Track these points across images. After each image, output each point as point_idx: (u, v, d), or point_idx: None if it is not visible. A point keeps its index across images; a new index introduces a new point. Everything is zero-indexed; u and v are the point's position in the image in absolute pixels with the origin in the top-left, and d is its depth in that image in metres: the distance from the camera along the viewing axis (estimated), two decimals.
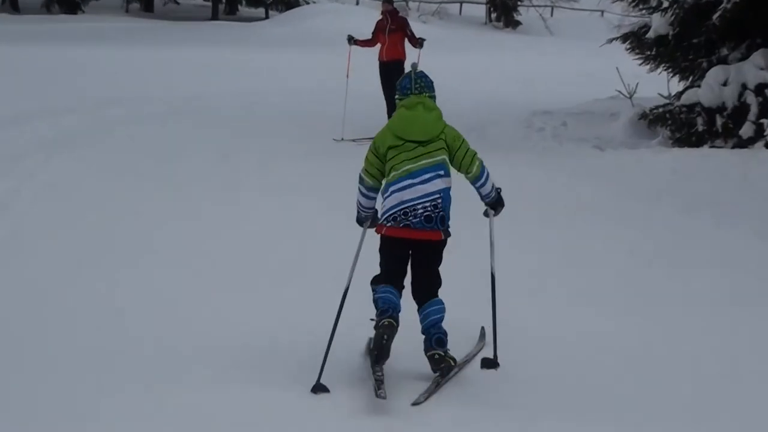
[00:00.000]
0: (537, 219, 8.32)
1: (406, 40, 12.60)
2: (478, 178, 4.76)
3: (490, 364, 4.64)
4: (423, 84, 4.72)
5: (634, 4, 12.97)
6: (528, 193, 9.44)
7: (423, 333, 4.50)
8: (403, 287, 4.59)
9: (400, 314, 4.45)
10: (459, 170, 4.71)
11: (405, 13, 37.86)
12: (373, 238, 4.70)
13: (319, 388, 4.32)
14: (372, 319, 4.51)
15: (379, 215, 4.65)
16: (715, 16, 10.82)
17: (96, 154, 10.53)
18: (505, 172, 10.12)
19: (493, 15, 42.49)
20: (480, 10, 43.46)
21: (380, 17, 12.79)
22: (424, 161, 4.54)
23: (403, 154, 4.54)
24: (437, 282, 4.62)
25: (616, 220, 8.39)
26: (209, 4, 39.54)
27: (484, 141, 12.41)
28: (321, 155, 10.38)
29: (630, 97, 13.77)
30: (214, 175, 9.61)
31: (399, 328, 4.41)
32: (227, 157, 10.52)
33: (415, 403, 4.23)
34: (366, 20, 21.12)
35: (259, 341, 4.98)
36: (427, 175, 4.53)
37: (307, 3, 40.24)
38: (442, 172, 4.58)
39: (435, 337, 4.45)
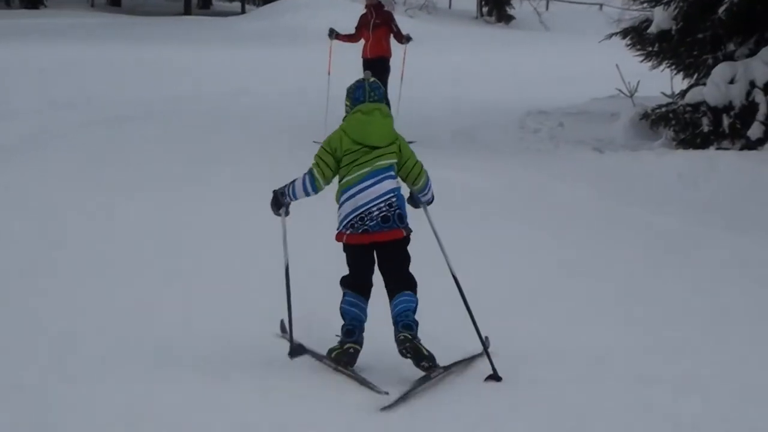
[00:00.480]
0: (533, 226, 8.30)
1: (392, 36, 12.49)
2: (422, 190, 5.11)
3: (492, 377, 4.80)
4: (377, 96, 5.00)
5: None
6: (523, 198, 9.42)
7: (393, 322, 4.75)
8: (371, 285, 4.87)
9: (365, 327, 4.80)
10: (405, 180, 5.02)
11: (390, 7, 37.85)
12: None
13: (295, 351, 4.86)
14: (337, 336, 4.81)
15: (338, 223, 4.89)
16: (721, 10, 10.81)
17: (50, 160, 10.46)
18: (497, 177, 10.22)
19: (485, 9, 42.56)
20: (471, 4, 43.53)
21: (364, 11, 12.69)
22: (377, 164, 4.84)
23: (357, 158, 4.83)
24: (409, 281, 4.84)
25: (618, 226, 8.38)
26: None
27: (475, 144, 12.41)
28: (299, 158, 10.32)
29: (631, 96, 13.77)
30: (177, 181, 9.53)
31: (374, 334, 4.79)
32: (194, 162, 10.45)
33: (386, 408, 4.45)
34: (349, 15, 21.09)
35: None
36: (379, 177, 4.83)
37: None
38: (392, 173, 4.90)
39: (402, 323, 4.70)
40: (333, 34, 12.60)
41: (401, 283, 4.81)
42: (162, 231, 7.59)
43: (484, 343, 4.90)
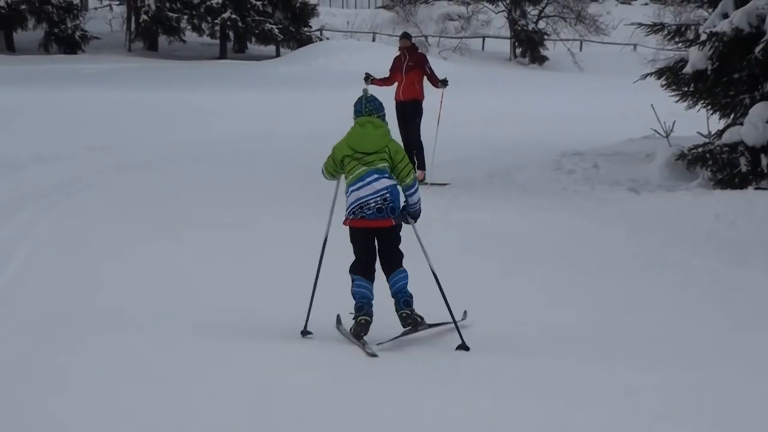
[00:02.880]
0: (569, 267, 8.24)
1: (425, 78, 12.52)
2: (410, 187, 6.19)
3: (461, 347, 5.95)
4: (371, 107, 6.24)
5: (669, 37, 12.97)
6: (558, 240, 9.37)
7: (392, 297, 6.08)
8: (374, 270, 6.10)
9: (373, 301, 6.02)
10: (396, 178, 6.14)
11: (424, 49, 38.23)
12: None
13: (306, 333, 6.04)
14: (351, 313, 6.03)
15: (345, 212, 6.09)
16: (757, 50, 10.78)
17: (87, 202, 10.63)
18: (533, 218, 10.19)
19: (518, 50, 42.77)
20: (504, 46, 43.78)
21: (397, 54, 12.76)
22: (371, 166, 6.04)
23: (355, 161, 6.07)
24: (399, 256, 6.15)
25: (654, 267, 8.30)
26: (217, 42, 40.00)
27: (511, 185, 12.39)
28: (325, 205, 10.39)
29: (666, 137, 13.72)
30: (212, 224, 9.60)
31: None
32: (227, 208, 10.50)
33: (379, 344, 5.85)
34: (383, 57, 21.27)
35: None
36: (375, 176, 6.04)
37: (320, 39, 40.70)
38: (387, 174, 6.08)
39: (402, 300, 6.04)
40: (369, 79, 12.65)
41: (393, 261, 6.11)
42: (202, 279, 7.62)
43: (453, 317, 6.09)
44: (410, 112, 12.41)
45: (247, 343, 5.87)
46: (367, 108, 6.24)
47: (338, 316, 6.33)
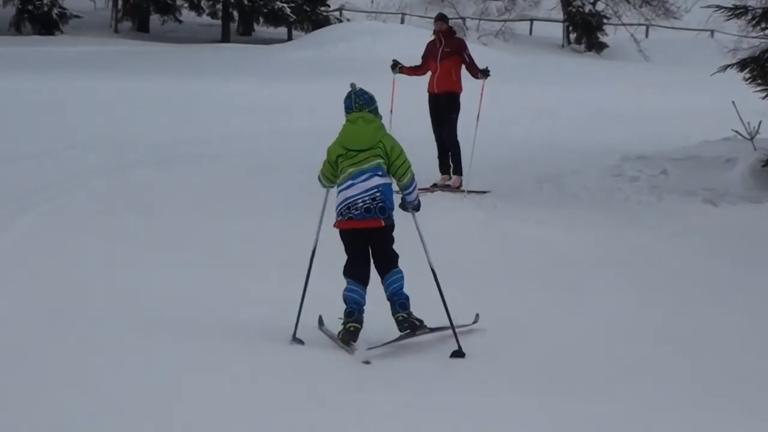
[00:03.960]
0: (631, 294, 8.20)
1: (464, 67, 12.50)
2: (407, 187, 6.75)
3: (456, 354, 6.50)
4: (361, 102, 6.72)
5: (754, 22, 12.87)
6: (619, 260, 9.32)
7: (388, 300, 6.61)
8: (368, 273, 6.65)
9: (364, 309, 6.57)
10: (393, 176, 6.69)
11: (462, 33, 38.31)
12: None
13: (295, 340, 6.54)
14: (340, 318, 6.58)
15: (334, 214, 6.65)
16: None
17: (65, 210, 10.65)
18: (589, 235, 10.15)
19: (573, 36, 42.74)
20: (556, 30, 43.79)
21: (431, 38, 12.75)
22: (364, 165, 6.56)
23: (348, 160, 6.59)
24: (393, 256, 6.68)
25: (736, 294, 8.24)
26: (219, 23, 40.19)
27: (562, 194, 12.35)
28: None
29: (751, 139, 13.62)
30: (209, 236, 9.64)
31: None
32: (227, 217, 10.52)
33: (371, 348, 6.36)
34: (413, 43, 21.27)
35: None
36: (365, 175, 6.55)
37: (339, 21, 40.81)
38: (380, 172, 6.58)
39: (398, 302, 6.58)
40: (397, 67, 12.63)
41: (387, 262, 6.63)
42: (195, 302, 7.64)
43: (451, 320, 6.59)
44: (445, 106, 12.40)
45: (235, 349, 6.36)
46: (357, 103, 6.72)
47: (320, 317, 6.93)
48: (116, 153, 14.46)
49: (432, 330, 6.68)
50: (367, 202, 6.53)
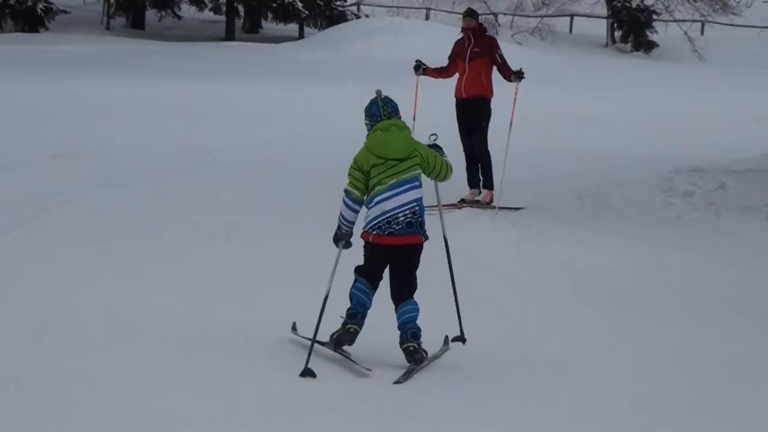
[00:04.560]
0: (687, 322, 8.19)
1: (495, 69, 12.50)
2: (445, 178, 7.23)
3: (457, 339, 7.31)
4: (390, 109, 7.05)
5: None
6: (672, 285, 9.31)
7: (399, 328, 6.86)
8: (380, 278, 6.99)
9: (368, 313, 6.89)
10: (435, 178, 7.20)
11: (494, 31, 38.32)
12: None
13: (307, 372, 6.66)
14: (341, 317, 6.89)
15: (364, 224, 6.95)
16: None
17: (49, 228, 10.71)
18: (637, 256, 10.12)
19: (618, 33, 42.70)
20: (599, 27, 43.77)
21: (459, 37, 12.77)
22: (404, 175, 6.90)
23: (387, 170, 6.87)
24: (413, 286, 6.99)
25: None
26: (222, 18, 40.34)
27: (606, 210, 12.34)
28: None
29: None
30: (211, 260, 9.67)
31: (379, 326, 6.94)
32: (231, 237, 10.55)
33: (396, 382, 6.63)
34: (439, 42, 21.35)
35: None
36: (405, 187, 6.89)
37: (357, 17, 40.91)
38: (417, 183, 6.96)
39: (410, 331, 6.81)
40: (421, 68, 12.63)
41: (408, 288, 6.94)
42: (197, 328, 7.66)
43: (462, 334, 7.29)
44: (474, 113, 12.41)
45: (241, 375, 6.62)
46: (385, 111, 7.04)
47: (294, 323, 7.37)
48: (109, 163, 14.53)
49: (429, 361, 6.96)
50: (408, 216, 6.88)
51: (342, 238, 7.05)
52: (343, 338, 6.87)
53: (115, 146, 15.88)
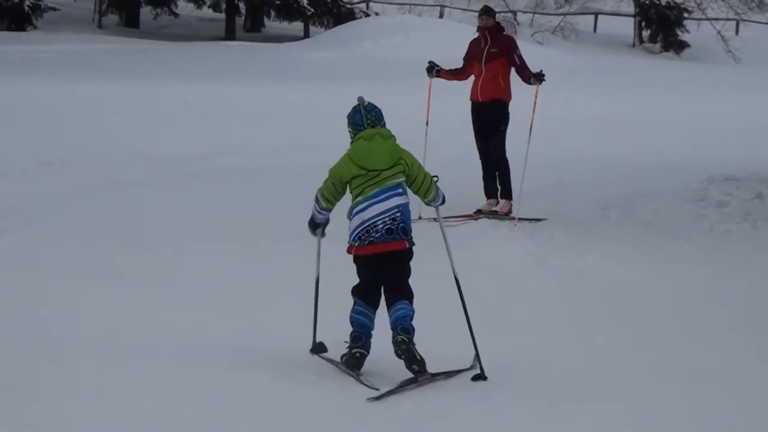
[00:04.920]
0: (718, 341, 8.21)
1: (513, 70, 12.51)
2: (434, 200, 7.36)
3: (478, 377, 7.08)
4: (373, 117, 7.21)
5: None
6: (702, 301, 9.31)
7: (391, 327, 6.98)
8: (379, 297, 7.15)
9: (372, 334, 7.08)
10: (416, 193, 7.28)
11: (512, 30, 38.31)
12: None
13: (316, 348, 7.26)
14: (345, 342, 7.12)
15: (348, 238, 7.17)
16: None
17: (39, 239, 10.76)
18: (667, 271, 10.13)
19: (646, 33, 42.71)
20: (626, 27, 43.77)
21: (475, 36, 12.78)
22: (386, 183, 7.05)
23: (367, 181, 7.06)
24: (406, 292, 7.11)
25: None
26: (222, 16, 40.41)
27: (632, 222, 12.36)
28: None
29: None
30: (213, 273, 9.72)
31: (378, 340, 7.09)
32: (232, 249, 10.59)
33: (372, 399, 6.65)
34: (454, 41, 21.34)
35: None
36: (386, 194, 7.05)
37: (366, 15, 40.98)
38: (400, 190, 7.12)
39: (401, 326, 6.92)
40: (434, 70, 12.66)
41: (400, 293, 7.06)
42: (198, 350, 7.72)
43: (477, 354, 7.14)
44: (491, 117, 12.43)
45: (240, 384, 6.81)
46: (368, 119, 7.22)
47: (316, 342, 7.40)
48: (104, 169, 14.56)
49: (433, 376, 6.98)
50: (388, 222, 7.04)
51: (318, 224, 7.45)
52: (350, 363, 7.03)
53: (110, 152, 15.91)
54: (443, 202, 7.47)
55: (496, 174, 12.53)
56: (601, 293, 9.53)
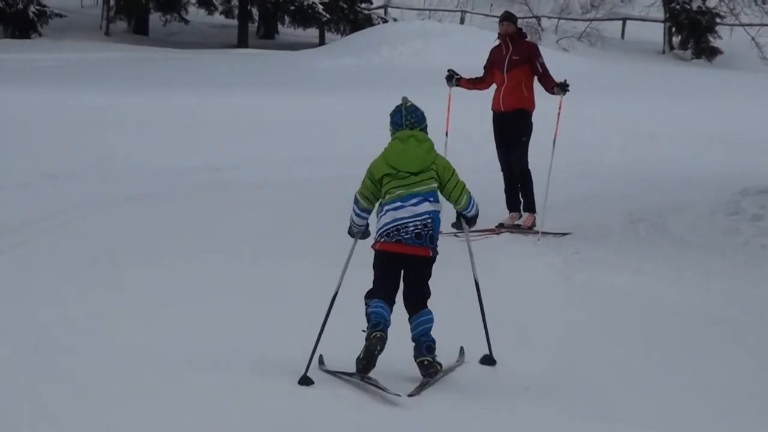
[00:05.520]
0: (750, 360, 8.18)
1: (536, 79, 12.51)
2: (465, 207, 7.62)
3: (487, 360, 7.71)
4: (413, 119, 7.52)
5: None
6: (736, 318, 9.26)
7: (413, 341, 7.33)
8: (394, 302, 7.38)
9: (389, 328, 7.26)
10: (448, 200, 7.53)
11: (536, 37, 38.32)
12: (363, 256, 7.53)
13: (305, 381, 7.15)
14: (363, 330, 7.29)
15: (374, 233, 7.50)
16: None
17: (41, 254, 10.80)
18: (700, 288, 10.07)
19: (676, 39, 42.65)
20: (655, 33, 43.71)
21: (496, 43, 12.79)
22: (416, 189, 7.35)
23: (396, 181, 7.36)
24: (427, 294, 7.46)
25: None
26: (234, 23, 40.47)
27: (663, 236, 12.33)
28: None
29: None
30: (218, 287, 9.74)
31: (389, 339, 7.28)
32: (244, 267, 10.60)
33: (410, 395, 7.01)
34: (475, 48, 21.35)
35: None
36: (416, 199, 7.34)
37: (384, 21, 41.01)
38: (432, 198, 7.39)
39: (425, 345, 7.27)
40: (453, 79, 12.67)
41: (420, 298, 7.40)
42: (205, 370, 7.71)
43: (491, 352, 7.70)
44: (513, 127, 12.44)
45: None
46: (408, 120, 7.53)
47: (321, 356, 7.53)
48: (110, 183, 14.63)
49: (444, 373, 7.43)
50: (419, 227, 7.32)
51: (356, 234, 7.68)
52: (372, 348, 7.17)
53: (117, 164, 15.98)
54: (476, 212, 7.71)
55: (519, 186, 12.52)
56: (629, 311, 9.49)
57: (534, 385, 7.26)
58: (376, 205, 7.58)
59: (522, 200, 12.56)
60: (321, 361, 7.53)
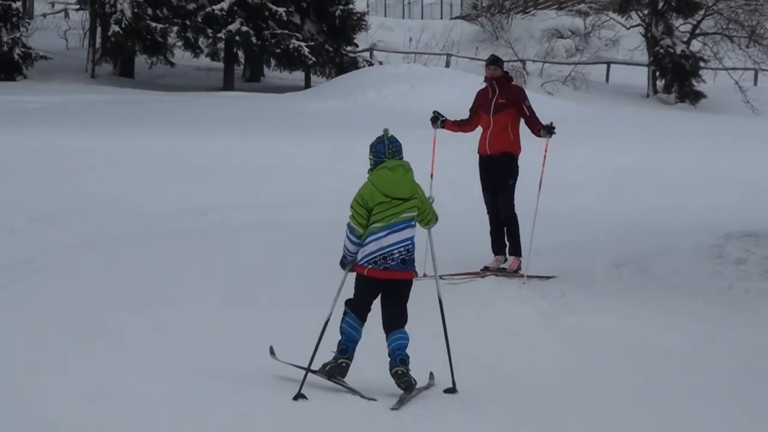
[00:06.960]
0: (738, 408, 8.15)
1: (523, 122, 12.54)
2: (430, 223, 8.28)
3: (450, 390, 8.12)
4: (395, 148, 8.08)
5: None
6: (721, 364, 9.26)
7: (389, 356, 7.94)
8: (365, 318, 8.08)
9: (358, 345, 8.04)
10: (420, 223, 8.17)
11: (521, 80, 38.46)
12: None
13: (300, 396, 7.70)
14: (333, 351, 8.01)
15: (359, 258, 8.04)
16: None
17: (32, 297, 10.76)
18: (684, 331, 10.08)
19: (660, 83, 42.84)
20: (639, 76, 43.95)
21: (482, 86, 12.82)
22: (403, 215, 7.99)
23: (389, 209, 7.93)
24: (405, 318, 8.08)
25: None
26: (220, 65, 40.54)
27: (648, 279, 12.33)
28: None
29: None
30: (199, 331, 9.72)
31: (370, 353, 8.05)
32: (229, 312, 10.58)
33: (392, 408, 7.61)
34: (461, 91, 21.44)
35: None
36: (402, 225, 7.99)
37: (370, 64, 41.13)
38: (413, 224, 8.07)
39: (399, 357, 7.89)
40: (438, 121, 12.69)
41: (399, 320, 8.01)
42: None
43: (454, 385, 8.11)
44: (500, 171, 12.45)
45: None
46: (390, 149, 8.07)
47: (271, 347, 8.39)
48: (94, 226, 14.60)
49: (420, 390, 8.00)
50: (403, 253, 8.00)
51: (348, 264, 8.18)
52: (336, 371, 7.96)
53: (102, 207, 15.95)
54: (437, 220, 8.34)
55: (505, 229, 12.52)
56: (615, 355, 9.47)
57: (521, 426, 7.22)
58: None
59: (508, 243, 12.55)
60: (272, 351, 8.34)
